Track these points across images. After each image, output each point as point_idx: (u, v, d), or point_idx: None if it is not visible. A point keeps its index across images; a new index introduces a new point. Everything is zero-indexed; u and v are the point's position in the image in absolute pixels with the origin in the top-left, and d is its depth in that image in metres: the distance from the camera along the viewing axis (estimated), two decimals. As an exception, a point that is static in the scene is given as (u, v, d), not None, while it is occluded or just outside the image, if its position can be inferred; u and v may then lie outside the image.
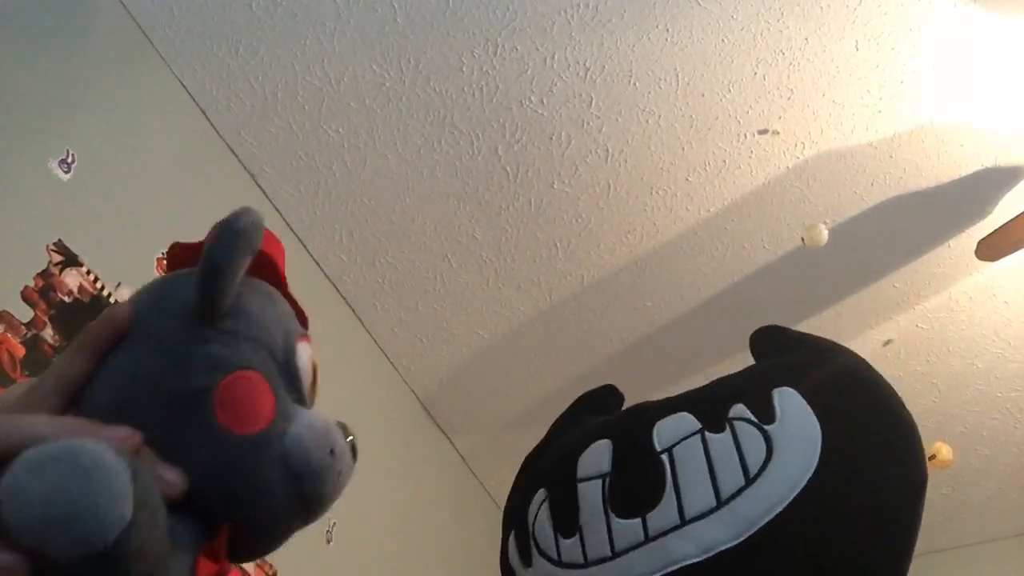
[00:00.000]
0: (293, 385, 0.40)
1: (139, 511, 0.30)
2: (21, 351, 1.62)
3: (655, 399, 0.62)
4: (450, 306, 2.78)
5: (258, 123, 2.30)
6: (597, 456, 0.56)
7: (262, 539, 0.39)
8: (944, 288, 2.72)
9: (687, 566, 0.50)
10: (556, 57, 2.14)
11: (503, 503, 0.65)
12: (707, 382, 0.62)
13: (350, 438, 0.41)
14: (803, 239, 2.31)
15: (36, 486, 0.29)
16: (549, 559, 0.55)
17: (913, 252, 2.61)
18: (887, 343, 2.86)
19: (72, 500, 0.29)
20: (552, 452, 0.63)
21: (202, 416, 0.36)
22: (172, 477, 0.34)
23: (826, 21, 2.05)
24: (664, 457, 0.54)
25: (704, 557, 0.50)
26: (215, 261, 0.36)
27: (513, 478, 0.66)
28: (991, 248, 2.35)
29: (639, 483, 0.54)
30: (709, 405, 0.56)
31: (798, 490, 0.51)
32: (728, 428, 0.54)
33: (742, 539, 0.50)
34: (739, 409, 0.55)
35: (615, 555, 0.52)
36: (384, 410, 2.89)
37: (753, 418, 0.54)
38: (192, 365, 0.36)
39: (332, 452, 0.39)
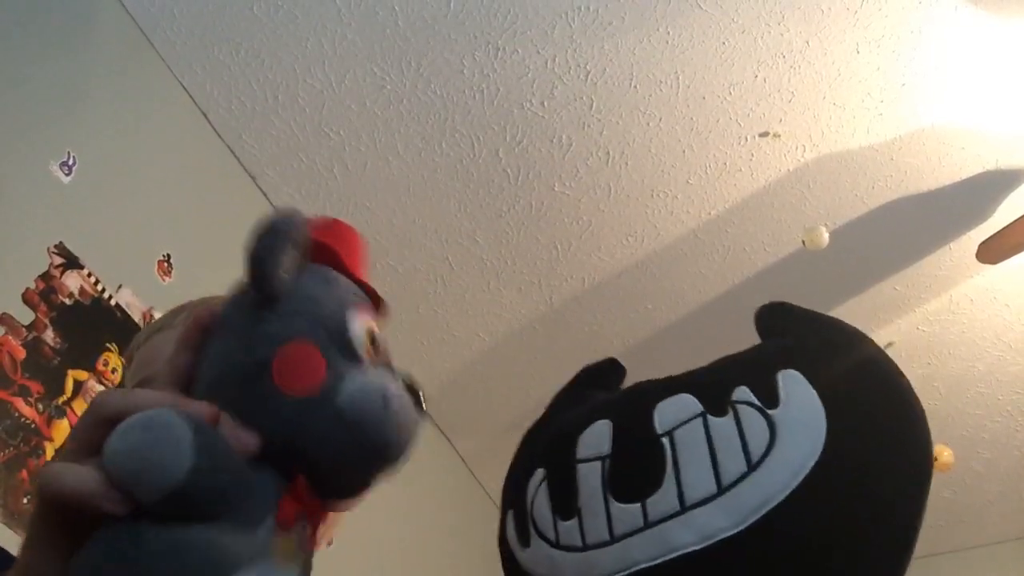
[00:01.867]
0: (348, 350, 0.45)
1: (200, 457, 0.38)
2: (22, 353, 1.62)
3: (658, 378, 0.61)
4: (451, 308, 2.78)
5: (259, 125, 2.30)
6: (597, 437, 0.56)
7: (337, 483, 0.45)
8: (945, 291, 2.71)
9: (686, 554, 0.50)
10: (557, 60, 2.14)
11: (503, 503, 0.65)
12: (710, 362, 0.61)
13: (416, 391, 0.46)
14: (804, 241, 2.31)
15: (121, 446, 0.38)
16: (547, 541, 0.55)
17: (914, 255, 2.61)
18: (888, 345, 2.83)
19: (143, 454, 0.37)
20: (552, 430, 0.62)
21: (264, 384, 0.42)
22: (246, 437, 0.41)
23: (827, 24, 2.05)
24: (665, 440, 0.53)
25: (704, 545, 0.49)
26: (255, 254, 0.43)
27: None
28: (992, 251, 2.35)
29: (639, 467, 0.53)
30: (712, 387, 0.55)
31: (801, 478, 0.50)
32: (731, 412, 0.52)
33: (743, 527, 0.49)
34: (742, 392, 0.53)
35: (614, 540, 0.52)
36: (385, 412, 2.88)
37: (756, 401, 0.53)
38: (253, 342, 0.43)
39: (386, 406, 0.43)
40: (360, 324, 0.46)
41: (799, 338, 0.61)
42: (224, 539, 0.39)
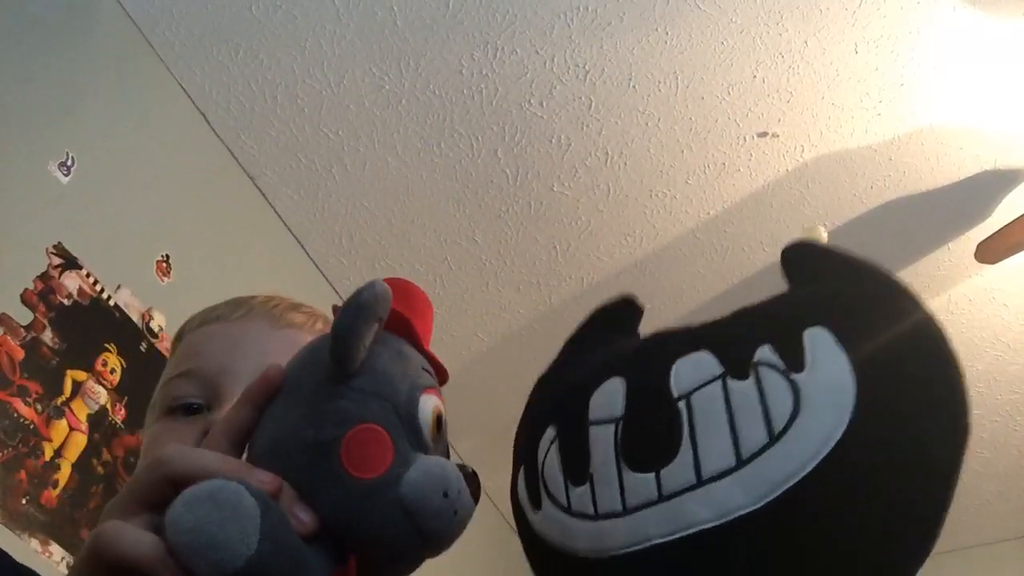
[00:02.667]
0: (415, 435, 0.45)
1: (264, 542, 0.37)
2: (21, 354, 1.61)
3: (674, 328, 0.57)
4: (450, 309, 2.78)
5: (258, 126, 2.30)
6: (610, 397, 0.52)
7: (388, 567, 0.45)
8: (943, 291, 2.72)
9: (702, 531, 0.46)
10: (556, 60, 2.14)
11: (504, 507, 0.62)
12: (733, 311, 0.57)
13: (470, 476, 0.47)
14: (802, 242, 2.31)
15: (187, 518, 0.37)
16: (559, 506, 0.52)
17: (912, 255, 2.61)
18: (887, 346, 2.85)
19: (211, 532, 0.37)
20: (563, 382, 0.59)
21: (330, 463, 0.42)
22: (305, 516, 0.41)
23: (825, 24, 2.05)
24: (681, 405, 0.49)
25: (721, 522, 0.46)
26: (341, 330, 0.43)
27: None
28: (991, 251, 2.35)
29: (653, 433, 0.49)
30: (732, 345, 0.51)
31: (826, 451, 0.46)
32: (752, 375, 0.48)
33: (762, 503, 0.46)
34: (765, 352, 0.49)
35: (626, 511, 0.49)
36: (384, 413, 2.88)
37: (781, 363, 0.48)
38: (325, 419, 0.43)
39: (446, 494, 0.44)
40: (430, 408, 0.46)
41: (831, 288, 0.56)
42: None
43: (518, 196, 2.46)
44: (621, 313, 0.67)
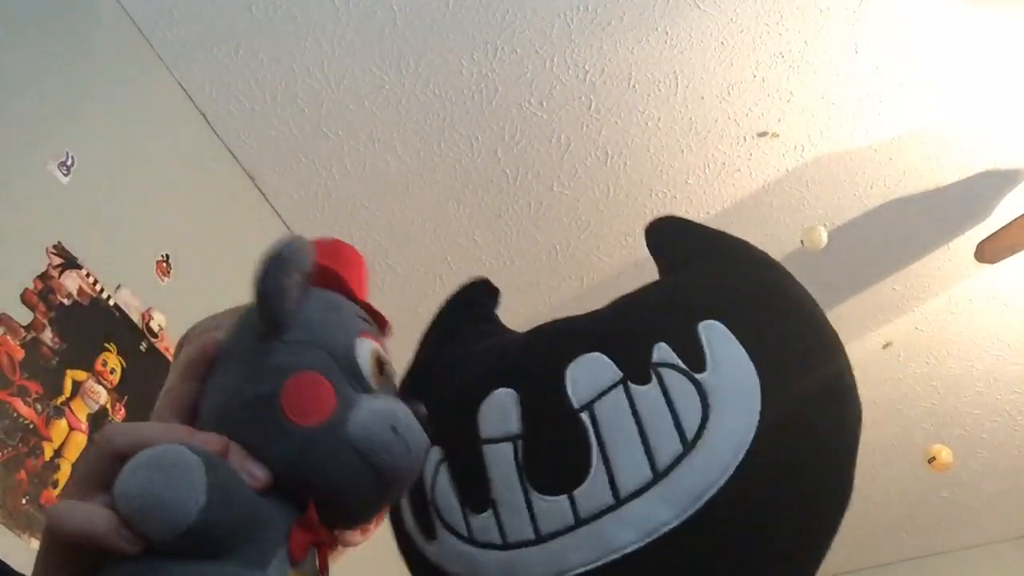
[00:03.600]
0: (356, 378, 0.44)
1: (213, 493, 0.37)
2: (21, 353, 1.61)
3: (557, 321, 0.53)
4: (450, 309, 2.78)
5: (258, 126, 2.30)
6: (501, 411, 0.48)
7: (350, 511, 0.44)
8: (943, 290, 2.72)
9: (628, 553, 0.44)
10: (556, 60, 2.14)
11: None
12: (611, 303, 0.53)
13: (422, 416, 0.46)
14: (802, 241, 2.32)
15: (132, 484, 0.37)
16: (459, 536, 0.48)
17: (912, 254, 2.61)
18: (886, 346, 2.86)
19: (157, 493, 0.37)
20: (439, 394, 0.52)
21: (273, 414, 0.42)
22: (257, 471, 0.41)
23: (826, 24, 2.05)
24: (584, 416, 0.46)
25: (647, 541, 0.44)
26: (262, 285, 0.43)
27: None
28: (990, 250, 2.35)
29: (559, 451, 0.46)
30: (627, 345, 0.48)
31: (742, 453, 0.44)
32: (655, 378, 0.46)
33: (687, 516, 0.44)
34: (663, 352, 0.47)
35: (540, 539, 0.45)
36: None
37: (681, 364, 0.46)
38: (262, 374, 0.43)
39: (395, 429, 0.43)
40: (367, 350, 0.46)
41: (708, 273, 0.54)
42: (233, 572, 0.38)
43: (518, 196, 2.46)
44: (477, 298, 0.63)
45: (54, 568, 0.40)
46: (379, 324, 0.49)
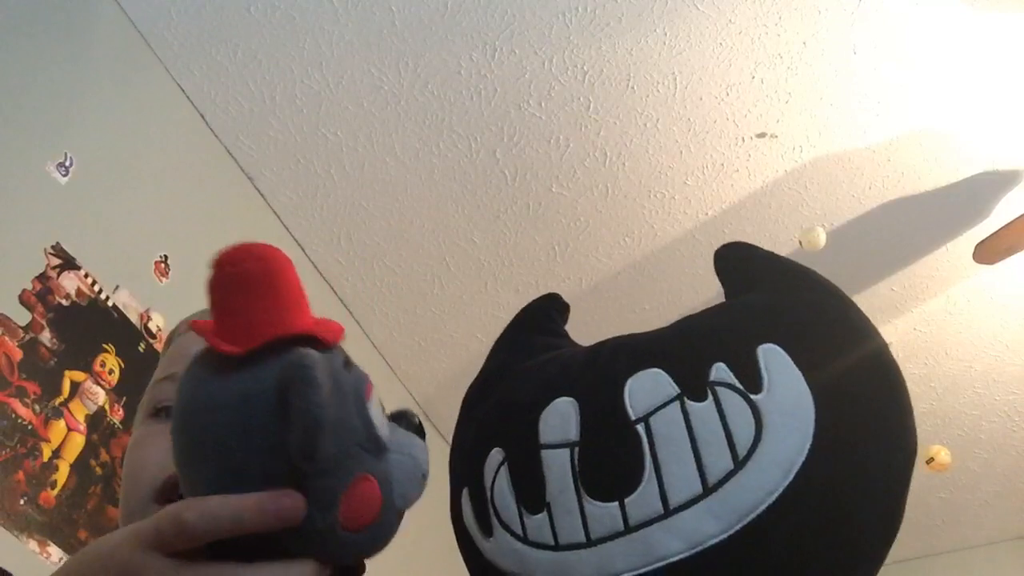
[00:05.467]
0: (378, 446, 0.43)
1: None
2: (19, 354, 1.61)
3: (620, 337, 0.55)
4: (448, 310, 2.78)
5: (256, 126, 2.30)
6: (562, 418, 0.50)
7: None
8: (942, 291, 2.72)
9: (674, 563, 0.45)
10: (554, 61, 2.14)
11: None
12: (673, 323, 0.54)
13: (417, 428, 0.46)
14: (801, 242, 2.31)
15: None
16: (514, 534, 0.50)
17: (911, 255, 2.62)
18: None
19: None
20: (504, 399, 0.55)
21: (335, 531, 0.41)
22: None
23: (824, 25, 2.05)
24: (640, 428, 0.47)
25: (692, 552, 0.45)
26: (311, 427, 0.39)
27: None
28: (989, 251, 2.36)
29: (613, 459, 0.47)
30: (686, 363, 0.49)
31: (792, 475, 0.45)
32: (710, 396, 0.47)
33: (733, 531, 0.45)
34: (721, 371, 0.48)
35: (591, 543, 0.47)
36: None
37: (738, 384, 0.47)
38: (321, 506, 0.40)
39: (424, 476, 0.45)
40: (378, 414, 0.44)
41: (773, 299, 0.55)
42: None
43: (517, 196, 2.46)
44: (548, 312, 0.65)
45: None
46: (335, 331, 0.45)
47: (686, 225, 2.53)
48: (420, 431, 0.46)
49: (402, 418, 0.46)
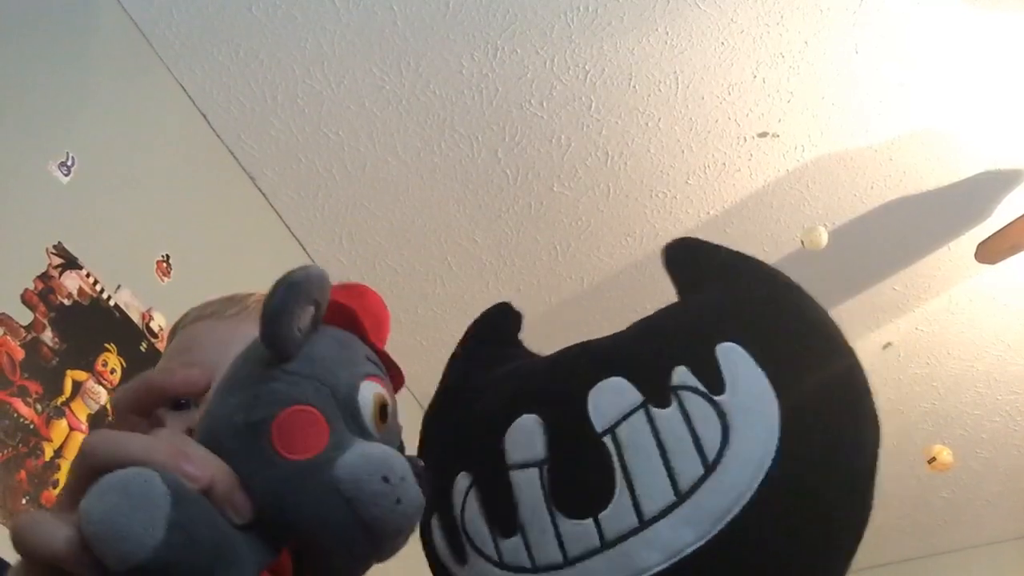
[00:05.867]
0: (355, 420, 0.43)
1: (173, 532, 0.36)
2: (21, 354, 1.61)
3: (578, 345, 0.54)
4: (450, 309, 2.78)
5: (258, 126, 2.30)
6: (527, 436, 0.49)
7: (331, 564, 0.42)
8: (944, 291, 2.72)
9: (653, 575, 0.45)
10: (556, 60, 2.14)
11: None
12: (631, 325, 0.54)
13: (421, 474, 0.43)
14: (803, 242, 2.32)
15: (97, 508, 0.36)
16: (488, 559, 0.49)
17: (913, 255, 2.61)
18: (886, 346, 2.86)
19: (117, 522, 0.36)
20: (466, 420, 0.54)
21: (261, 444, 0.41)
22: (240, 503, 0.40)
23: (826, 24, 2.05)
24: (608, 440, 0.47)
25: (671, 562, 0.44)
26: (270, 308, 0.41)
27: None
28: (991, 251, 2.35)
29: (584, 475, 0.47)
30: (646, 368, 0.48)
31: (762, 474, 0.45)
32: (675, 401, 0.47)
33: (710, 536, 0.44)
34: (682, 374, 0.47)
35: (568, 562, 0.46)
36: (384, 413, 2.88)
37: (701, 387, 0.47)
38: (257, 401, 0.41)
39: (387, 479, 0.41)
40: (371, 394, 0.44)
41: (725, 294, 0.54)
42: None
43: (518, 196, 2.46)
44: (499, 323, 0.64)
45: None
46: (393, 377, 0.47)
47: (688, 225, 2.53)
48: (424, 478, 0.44)
49: (412, 465, 0.44)
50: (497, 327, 0.64)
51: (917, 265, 2.64)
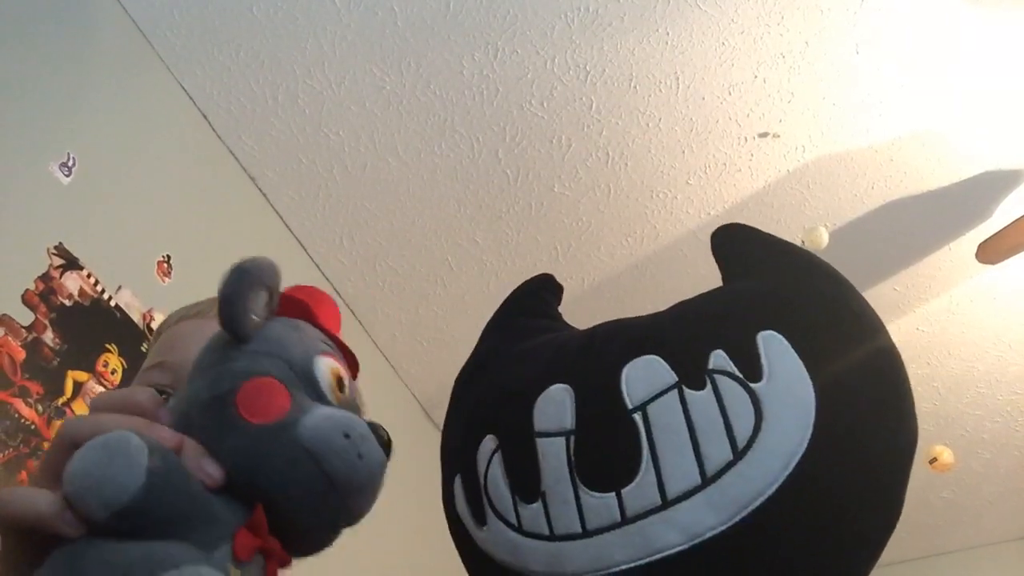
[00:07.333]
0: (314, 389, 0.46)
1: (152, 478, 0.38)
2: (22, 354, 1.62)
3: (617, 321, 0.54)
4: (450, 310, 2.78)
5: (259, 126, 2.30)
6: (557, 406, 0.49)
7: (302, 522, 0.44)
8: (945, 291, 2.71)
9: (671, 555, 0.44)
10: (556, 60, 2.14)
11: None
12: (672, 306, 0.54)
13: (382, 435, 0.46)
14: (803, 242, 2.31)
15: (79, 464, 0.38)
16: (508, 524, 0.49)
17: (913, 255, 2.61)
18: (888, 346, 2.85)
19: (97, 472, 0.38)
20: (497, 385, 0.54)
21: (227, 412, 0.43)
22: (210, 468, 0.42)
23: (827, 25, 2.05)
24: (637, 417, 0.46)
25: (690, 544, 0.44)
26: (225, 293, 0.44)
27: None
28: (992, 251, 2.35)
29: (610, 449, 0.46)
30: (684, 349, 0.48)
31: (792, 466, 0.44)
32: (709, 384, 0.46)
33: (732, 523, 0.44)
34: (720, 359, 0.47)
35: (586, 533, 0.46)
36: (385, 413, 2.86)
37: (737, 372, 0.46)
38: (220, 377, 0.44)
39: (347, 435, 0.43)
40: (326, 367, 0.47)
41: (772, 283, 0.54)
42: (166, 548, 0.38)
43: (519, 197, 2.46)
44: (541, 294, 0.64)
45: (8, 554, 0.40)
46: (349, 364, 0.50)
47: (688, 225, 2.53)
48: (385, 442, 0.46)
49: (374, 429, 0.46)
50: (535, 298, 0.64)
51: (918, 265, 2.63)
